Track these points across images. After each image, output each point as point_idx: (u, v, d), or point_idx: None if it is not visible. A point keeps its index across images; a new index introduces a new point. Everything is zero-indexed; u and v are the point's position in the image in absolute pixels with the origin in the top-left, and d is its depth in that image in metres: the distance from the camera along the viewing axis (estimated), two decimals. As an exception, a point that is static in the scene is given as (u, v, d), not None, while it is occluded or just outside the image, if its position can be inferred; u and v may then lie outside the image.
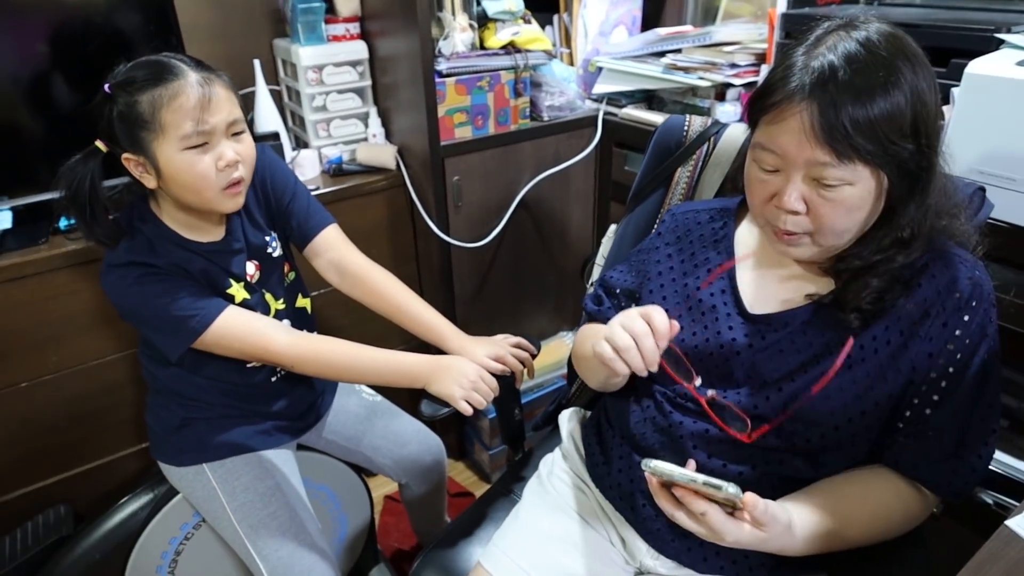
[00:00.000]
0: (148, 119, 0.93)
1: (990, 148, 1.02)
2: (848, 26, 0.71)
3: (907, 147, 0.69)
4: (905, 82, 0.68)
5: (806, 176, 0.71)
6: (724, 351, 0.84)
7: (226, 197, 1.00)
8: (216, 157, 0.97)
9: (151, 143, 0.95)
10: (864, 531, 0.79)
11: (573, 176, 1.79)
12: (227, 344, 1.04)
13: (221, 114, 0.96)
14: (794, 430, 0.79)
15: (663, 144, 1.11)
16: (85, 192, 0.99)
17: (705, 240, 0.92)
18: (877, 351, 0.78)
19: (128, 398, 1.46)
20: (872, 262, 0.75)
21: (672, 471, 0.69)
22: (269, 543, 1.13)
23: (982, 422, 0.78)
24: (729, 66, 1.52)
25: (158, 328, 1.03)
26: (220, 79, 0.98)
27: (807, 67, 0.69)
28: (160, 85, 0.93)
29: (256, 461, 1.17)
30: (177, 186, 0.98)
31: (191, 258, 1.05)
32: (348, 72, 1.63)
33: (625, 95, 1.75)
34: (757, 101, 0.74)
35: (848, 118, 0.66)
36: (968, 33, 1.18)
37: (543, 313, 1.97)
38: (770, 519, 0.70)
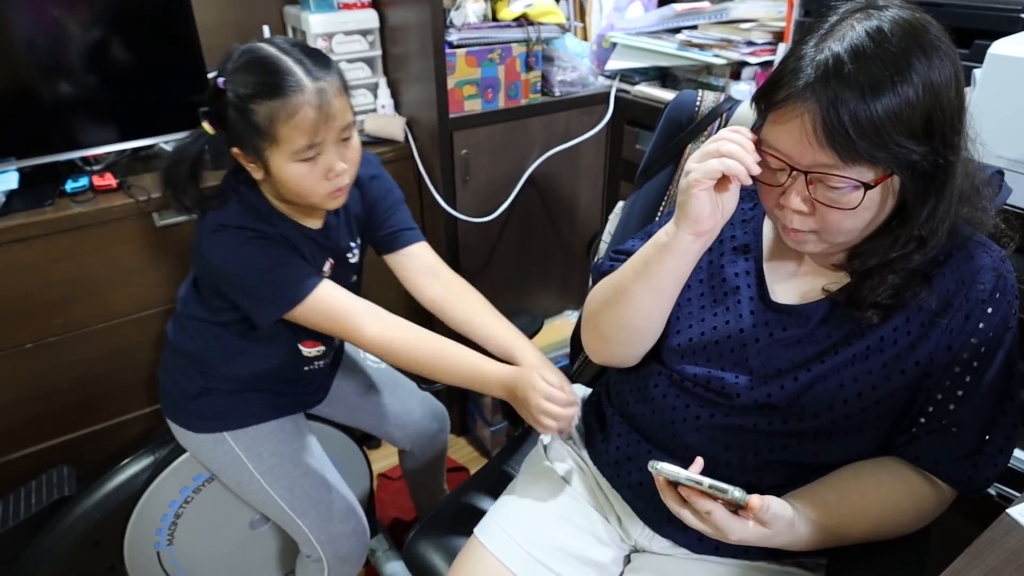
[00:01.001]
0: (264, 130, 0.91)
1: (1012, 132, 1.00)
2: (864, 11, 0.67)
3: (918, 148, 0.65)
4: (917, 77, 0.63)
5: (811, 176, 0.68)
6: (743, 336, 0.82)
7: (330, 199, 1.00)
8: (326, 168, 0.95)
9: (263, 150, 0.93)
10: (871, 528, 0.78)
11: (583, 153, 1.77)
12: (318, 319, 1.02)
13: (335, 126, 0.94)
14: (802, 416, 0.78)
15: (674, 119, 1.09)
16: (183, 173, 1.00)
17: (734, 218, 0.88)
18: (897, 342, 0.76)
19: (132, 362, 1.47)
20: (888, 259, 0.73)
21: (679, 473, 0.68)
22: (305, 501, 1.18)
23: (1004, 416, 0.76)
24: (746, 44, 1.49)
25: (256, 293, 1.01)
26: (334, 82, 0.93)
27: (813, 61, 0.65)
28: (277, 98, 0.90)
29: (277, 427, 1.18)
30: (284, 188, 0.97)
31: (298, 235, 1.04)
32: (358, 41, 1.61)
33: (639, 72, 1.72)
34: (763, 96, 0.70)
35: (850, 118, 0.63)
36: (993, 13, 1.15)
37: (549, 291, 1.95)
38: (773, 517, 0.69)
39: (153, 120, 1.44)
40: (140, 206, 1.35)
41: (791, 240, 0.76)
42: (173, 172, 1.00)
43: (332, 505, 1.20)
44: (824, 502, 0.76)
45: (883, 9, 0.67)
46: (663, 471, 0.68)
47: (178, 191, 1.01)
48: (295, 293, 1.00)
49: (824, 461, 0.80)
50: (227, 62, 0.94)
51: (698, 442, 0.83)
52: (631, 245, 0.95)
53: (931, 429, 0.77)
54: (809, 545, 0.75)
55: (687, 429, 0.84)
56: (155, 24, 1.38)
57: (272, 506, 1.18)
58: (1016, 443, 0.78)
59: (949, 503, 0.80)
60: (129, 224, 1.36)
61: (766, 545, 0.71)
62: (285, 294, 1.00)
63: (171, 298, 1.44)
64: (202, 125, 0.98)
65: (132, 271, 1.39)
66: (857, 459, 0.81)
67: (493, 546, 0.91)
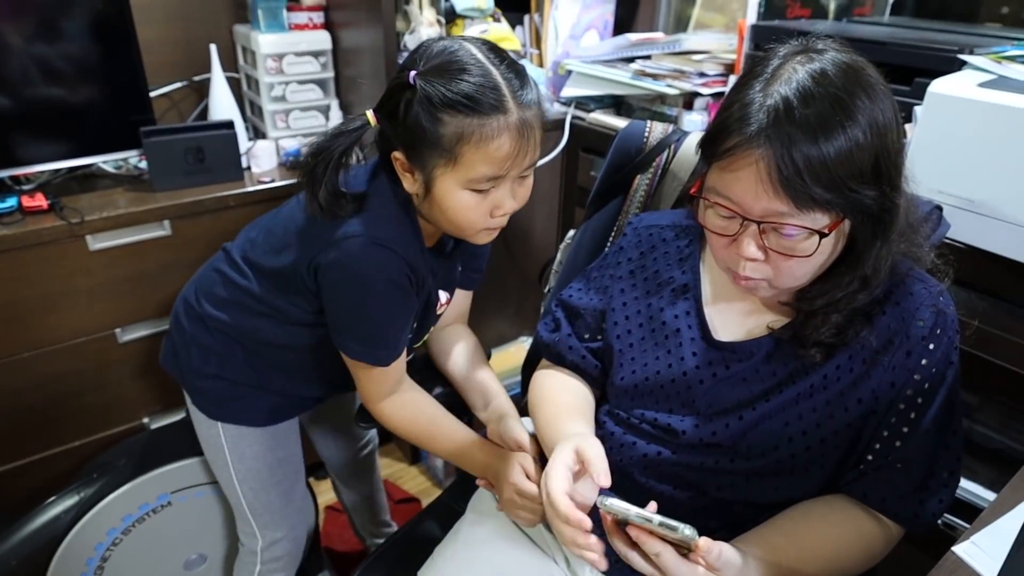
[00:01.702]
0: (446, 147, 0.79)
1: (950, 169, 1.02)
2: (804, 54, 0.67)
3: (868, 192, 0.65)
4: (863, 118, 0.63)
5: (764, 224, 0.67)
6: (687, 379, 0.81)
7: (482, 235, 0.91)
8: (494, 204, 0.85)
9: (435, 167, 0.82)
10: (821, 570, 0.76)
11: (538, 179, 1.71)
12: (364, 374, 0.96)
13: (526, 162, 0.83)
14: (748, 455, 0.77)
15: (623, 150, 1.09)
16: (327, 162, 0.86)
17: (670, 258, 0.88)
18: (840, 379, 0.76)
19: (59, 393, 1.39)
20: (834, 300, 0.72)
21: (628, 510, 0.66)
22: (264, 506, 1.16)
23: (948, 451, 0.76)
24: (698, 75, 1.50)
25: (361, 329, 0.91)
26: (538, 114, 0.83)
27: (763, 106, 0.64)
28: (475, 116, 0.77)
29: (269, 432, 1.13)
30: (440, 212, 0.86)
31: (424, 268, 0.93)
32: (310, 62, 1.58)
33: (594, 100, 1.72)
34: (711, 143, 0.69)
35: (804, 163, 0.62)
36: (932, 53, 1.18)
37: (503, 318, 1.93)
38: (725, 564, 0.67)
39: (90, 139, 1.38)
40: (73, 228, 1.28)
41: (742, 287, 0.75)
42: (315, 159, 0.86)
43: (287, 514, 1.19)
44: (773, 546, 0.74)
45: (822, 52, 0.67)
46: (612, 507, 0.66)
47: (314, 182, 0.86)
48: (386, 356, 0.93)
49: (773, 500, 0.79)
50: (421, 56, 0.82)
51: (647, 481, 0.82)
52: (574, 299, 0.95)
53: (878, 466, 0.77)
54: None
55: (635, 467, 0.83)
56: (94, 39, 1.33)
57: (233, 496, 1.16)
58: (959, 477, 0.78)
59: (897, 541, 0.80)
60: (60, 247, 1.29)
61: None
62: (379, 352, 0.93)
63: (105, 325, 1.38)
64: (366, 115, 0.86)
65: (62, 297, 1.32)
66: (804, 497, 0.80)
67: (436, 591, 0.87)
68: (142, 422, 1.50)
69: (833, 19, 1.62)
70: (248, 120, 1.71)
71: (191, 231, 1.39)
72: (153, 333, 1.44)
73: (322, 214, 0.87)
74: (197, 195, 1.38)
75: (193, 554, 1.31)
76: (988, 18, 1.53)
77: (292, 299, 0.97)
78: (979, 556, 0.68)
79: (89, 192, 1.39)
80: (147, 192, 1.39)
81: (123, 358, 1.42)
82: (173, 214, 1.36)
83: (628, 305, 0.89)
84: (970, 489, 1.18)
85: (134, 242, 1.35)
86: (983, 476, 1.19)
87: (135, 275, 1.38)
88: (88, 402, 1.42)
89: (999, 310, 1.06)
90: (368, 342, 0.92)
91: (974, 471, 1.20)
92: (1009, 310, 1.06)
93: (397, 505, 1.78)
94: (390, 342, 0.93)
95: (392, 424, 1.01)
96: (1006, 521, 0.71)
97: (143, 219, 1.34)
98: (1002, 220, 0.99)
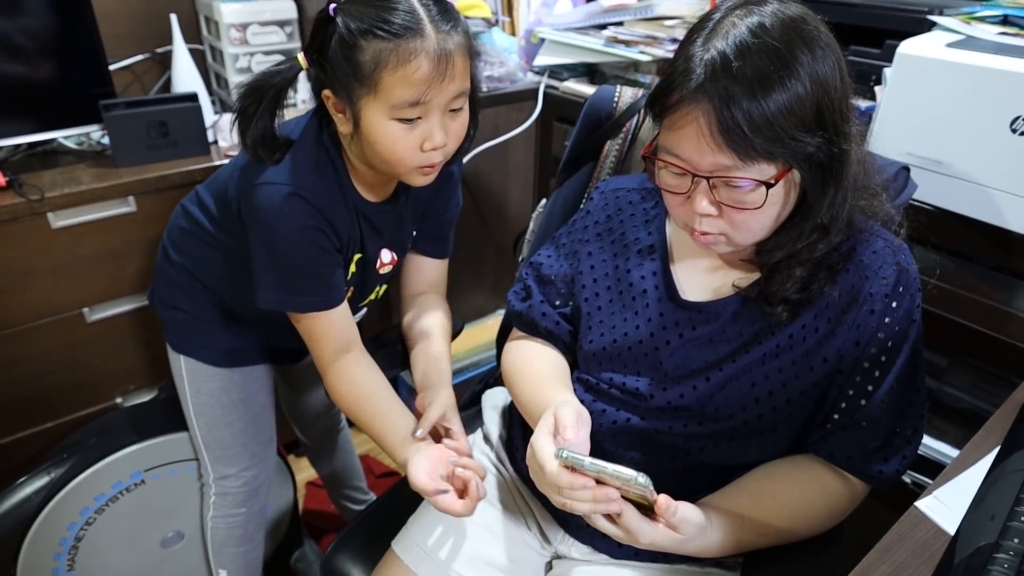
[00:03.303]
0: (365, 74, 0.79)
1: (919, 130, 1.02)
2: (744, 7, 0.67)
3: (811, 140, 0.65)
4: (804, 71, 0.64)
5: (713, 179, 0.67)
6: (654, 340, 0.81)
7: (418, 174, 0.88)
8: (423, 136, 0.83)
9: (359, 98, 0.81)
10: (785, 529, 0.77)
11: (512, 150, 1.74)
12: (300, 328, 0.96)
13: (449, 90, 0.81)
14: (717, 417, 0.78)
15: (593, 115, 1.07)
16: (258, 104, 0.85)
17: (636, 220, 0.89)
18: (806, 339, 0.76)
19: (25, 376, 1.36)
20: (794, 251, 0.73)
21: (582, 459, 0.66)
22: (216, 442, 1.18)
23: (911, 408, 0.77)
24: (670, 40, 1.49)
25: (277, 275, 0.91)
26: (461, 41, 0.82)
27: (702, 60, 0.64)
28: (391, 39, 0.77)
29: (226, 375, 1.13)
30: (370, 149, 0.85)
31: (351, 221, 0.94)
32: (275, 32, 1.54)
33: (567, 68, 1.70)
34: (656, 102, 0.69)
35: (744, 117, 0.62)
36: (902, 14, 1.17)
37: (480, 290, 1.92)
38: (682, 521, 0.68)
39: (49, 113, 1.34)
40: (33, 206, 1.24)
41: (702, 243, 0.75)
42: (247, 100, 0.86)
43: (238, 455, 1.20)
44: (737, 505, 0.75)
45: (763, 4, 0.67)
46: (570, 457, 0.67)
47: (245, 124, 0.86)
48: (306, 304, 0.92)
49: (742, 462, 0.80)
50: None
51: (617, 447, 0.82)
52: (544, 265, 0.94)
53: (844, 425, 0.78)
54: (723, 551, 0.74)
55: (605, 434, 0.83)
56: (48, 10, 1.27)
57: (190, 427, 1.19)
58: (922, 434, 0.79)
59: (862, 498, 0.81)
60: (21, 226, 1.25)
61: (678, 551, 0.70)
62: (298, 297, 0.92)
63: (72, 304, 1.35)
64: (296, 57, 0.86)
65: (24, 276, 1.29)
66: (772, 457, 0.80)
67: (410, 559, 0.87)
68: (115, 402, 1.48)
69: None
70: (214, 93, 1.66)
71: (156, 207, 1.36)
72: (123, 312, 1.41)
73: (252, 157, 0.88)
74: (162, 170, 1.35)
75: (170, 532, 1.30)
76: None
77: (234, 230, 0.98)
78: (940, 510, 0.69)
79: (50, 169, 1.35)
80: (110, 168, 1.35)
81: (93, 337, 1.40)
82: (137, 190, 1.33)
83: (596, 268, 0.88)
84: (938, 448, 1.20)
85: (98, 219, 1.31)
86: (951, 436, 1.21)
87: (101, 253, 1.34)
88: (58, 383, 1.40)
89: (967, 271, 1.07)
90: (286, 287, 0.92)
91: (942, 431, 1.22)
92: (977, 271, 1.07)
93: (378, 480, 1.78)
94: (309, 288, 0.92)
95: (332, 394, 0.99)
96: (967, 476, 0.73)
97: (106, 195, 1.30)
98: (969, 181, 0.99)
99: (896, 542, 0.67)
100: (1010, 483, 0.66)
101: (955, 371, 1.22)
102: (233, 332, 1.11)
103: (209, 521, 1.24)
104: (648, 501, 0.67)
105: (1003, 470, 0.69)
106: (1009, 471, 0.68)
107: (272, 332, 1.13)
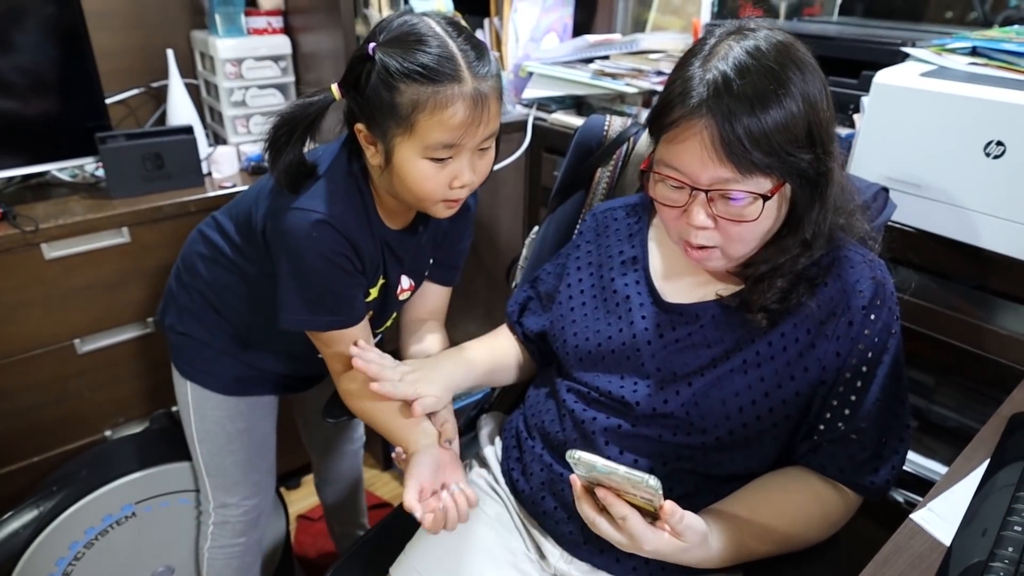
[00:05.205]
0: (402, 115, 0.80)
1: (897, 155, 1.06)
2: (737, 33, 0.71)
3: (804, 156, 0.69)
4: (797, 90, 0.68)
5: (712, 192, 0.71)
6: (636, 340, 0.84)
7: (443, 208, 0.90)
8: (453, 174, 0.85)
9: (393, 136, 0.83)
10: (782, 538, 0.78)
11: (502, 181, 1.77)
12: (321, 341, 0.97)
13: (482, 133, 0.83)
14: (703, 427, 0.79)
15: (584, 144, 1.11)
16: (289, 133, 0.86)
17: (621, 234, 0.93)
18: (786, 348, 0.78)
19: (15, 409, 1.34)
20: (777, 264, 0.76)
21: (595, 461, 0.67)
22: (218, 470, 1.18)
23: (897, 418, 0.80)
24: (655, 73, 1.53)
25: (301, 296, 0.91)
26: (494, 85, 0.83)
27: (703, 80, 0.68)
28: (429, 84, 0.79)
29: (232, 403, 1.14)
30: (400, 183, 0.87)
31: (375, 248, 0.95)
32: (269, 67, 1.57)
33: (555, 100, 1.74)
34: (657, 118, 0.73)
35: (744, 131, 0.66)
36: (877, 47, 1.23)
37: (472, 320, 1.93)
38: (687, 528, 0.69)
39: (44, 146, 1.36)
40: (27, 237, 1.25)
41: (695, 258, 0.77)
42: (280, 131, 0.87)
43: (240, 483, 1.20)
44: (734, 517, 0.76)
45: (755, 30, 0.72)
46: (582, 459, 0.68)
47: (276, 153, 0.87)
48: (331, 321, 0.93)
49: (730, 471, 0.82)
50: (381, 29, 0.83)
51: (612, 455, 0.83)
52: (541, 279, 1.00)
53: (832, 438, 0.79)
54: (722, 561, 0.75)
55: (599, 441, 0.84)
56: (46, 46, 1.30)
57: (192, 453, 1.19)
58: (909, 444, 0.81)
59: (855, 509, 0.82)
60: (14, 257, 1.26)
61: (680, 561, 0.71)
62: (323, 318, 0.93)
63: (63, 336, 1.35)
64: (331, 88, 0.87)
65: (18, 307, 1.29)
66: (761, 468, 0.82)
67: (408, 585, 0.86)
68: (104, 435, 1.47)
69: (784, 18, 1.67)
70: (208, 127, 1.69)
71: (151, 238, 1.37)
72: (115, 343, 1.41)
73: (281, 184, 0.89)
74: (156, 201, 1.36)
75: (160, 566, 1.28)
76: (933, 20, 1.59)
77: (256, 256, 1.00)
78: (935, 522, 0.70)
79: (44, 201, 1.36)
80: (104, 199, 1.36)
81: (83, 370, 1.39)
82: (132, 221, 1.34)
83: (583, 281, 0.93)
84: (929, 467, 1.22)
85: (91, 250, 1.32)
86: (941, 454, 1.22)
87: (93, 284, 1.35)
88: (47, 416, 1.38)
89: (949, 291, 1.10)
90: (309, 307, 0.92)
91: (932, 449, 1.24)
92: (958, 290, 1.09)
93: (371, 511, 1.76)
94: (332, 308, 0.93)
95: (346, 398, 0.99)
96: (959, 488, 0.74)
97: (100, 226, 1.31)
98: (947, 203, 1.02)
99: (893, 554, 0.68)
100: (1000, 498, 0.67)
101: (942, 390, 1.24)
102: (243, 361, 1.11)
103: (206, 552, 1.22)
104: (653, 507, 0.68)
105: (992, 485, 0.71)
106: (999, 486, 0.69)
107: (286, 360, 1.13)
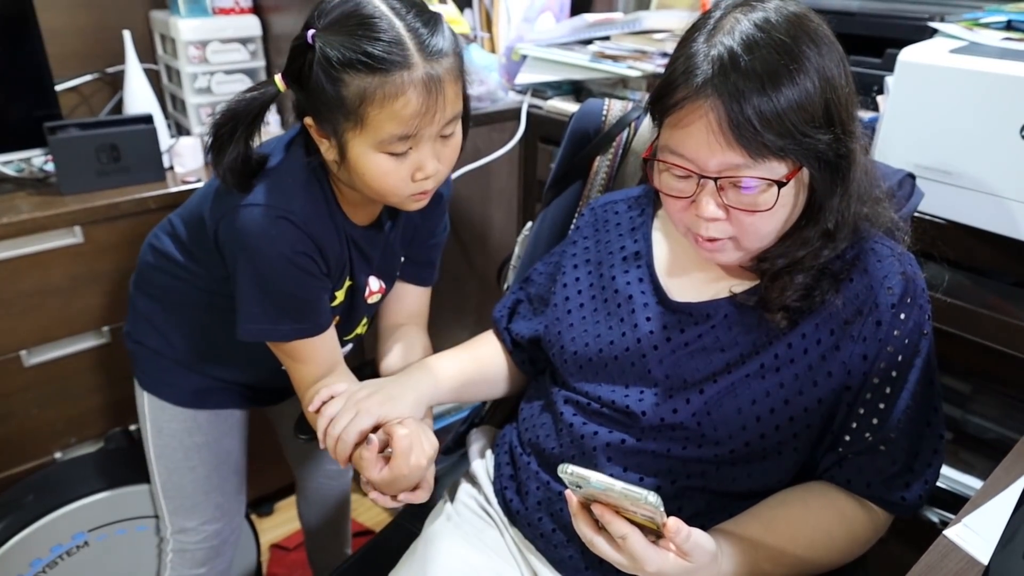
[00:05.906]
0: (349, 109, 0.79)
1: (925, 139, 1.05)
2: (745, 5, 0.71)
3: (822, 137, 0.68)
4: (811, 66, 0.67)
5: (721, 180, 0.70)
6: (641, 345, 0.82)
7: (411, 201, 0.89)
8: (414, 167, 0.84)
9: (344, 131, 0.82)
10: (801, 558, 0.77)
11: (494, 173, 1.77)
12: (284, 352, 0.96)
13: (440, 119, 0.82)
14: (716, 439, 0.78)
15: (580, 130, 1.10)
16: (239, 123, 0.84)
17: (622, 228, 0.92)
18: (807, 351, 0.77)
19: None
20: (797, 258, 0.75)
21: (589, 476, 0.66)
22: (175, 489, 1.17)
23: (930, 428, 0.79)
24: (660, 55, 1.53)
25: (261, 304, 0.90)
26: (451, 65, 0.81)
27: (707, 56, 0.67)
28: (376, 74, 0.77)
29: (191, 416, 1.14)
30: (359, 179, 0.85)
31: (340, 246, 0.94)
32: (237, 50, 1.57)
33: (551, 86, 1.74)
34: (659, 101, 0.72)
35: (754, 112, 0.65)
36: (901, 22, 1.23)
37: (463, 326, 1.93)
38: (694, 547, 0.67)
39: (-14, 138, 1.35)
40: (-33, 238, 1.24)
41: (706, 251, 0.76)
42: (220, 127, 0.85)
43: (200, 505, 1.19)
44: (749, 533, 0.75)
45: (765, 1, 0.71)
46: (575, 473, 0.67)
47: (219, 150, 0.86)
48: (294, 330, 0.93)
49: (746, 488, 0.80)
50: (321, 12, 0.81)
51: (614, 472, 0.82)
52: (533, 279, 0.99)
53: (858, 450, 0.78)
54: None
55: (600, 458, 0.83)
56: (-11, 27, 1.30)
57: (150, 472, 1.19)
58: (943, 457, 0.80)
59: (884, 529, 0.81)
60: (-48, 260, 1.25)
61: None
62: (284, 327, 0.92)
63: (9, 347, 1.33)
64: (274, 79, 0.85)
65: (-44, 316, 1.28)
66: (779, 484, 0.81)
67: (390, 617, 0.85)
68: (53, 457, 1.45)
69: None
70: (170, 116, 1.68)
71: (106, 238, 1.36)
72: (66, 354, 1.40)
73: (228, 186, 0.87)
74: (112, 197, 1.35)
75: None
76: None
77: (210, 261, 0.99)
78: (971, 538, 0.69)
79: (-11, 196, 1.36)
80: (54, 196, 1.35)
81: (30, 384, 1.38)
82: (84, 219, 1.33)
83: (581, 280, 0.91)
84: (966, 483, 1.21)
85: (40, 251, 1.31)
86: (979, 469, 1.22)
87: (42, 289, 1.34)
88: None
89: (984, 288, 1.10)
90: (270, 316, 0.91)
91: (969, 463, 1.23)
92: (995, 287, 1.09)
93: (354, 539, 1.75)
94: (295, 315, 0.92)
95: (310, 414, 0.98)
96: (997, 502, 0.73)
97: (49, 225, 1.30)
98: (981, 191, 1.02)
99: (925, 573, 0.67)
100: (1042, 516, 0.67)
101: (980, 398, 1.23)
102: (202, 372, 1.11)
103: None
104: (656, 525, 0.67)
105: (1034, 500, 0.70)
106: (1040, 503, 0.69)
107: (252, 370, 1.13)
